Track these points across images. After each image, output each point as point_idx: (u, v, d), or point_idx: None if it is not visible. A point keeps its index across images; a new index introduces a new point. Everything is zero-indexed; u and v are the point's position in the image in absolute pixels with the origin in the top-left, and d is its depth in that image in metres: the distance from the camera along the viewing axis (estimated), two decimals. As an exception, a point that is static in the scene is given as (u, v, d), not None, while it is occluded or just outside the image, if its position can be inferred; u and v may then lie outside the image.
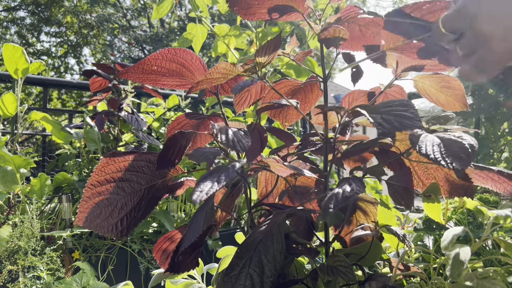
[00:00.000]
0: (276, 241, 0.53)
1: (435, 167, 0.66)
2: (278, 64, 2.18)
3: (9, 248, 1.14)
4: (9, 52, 1.50)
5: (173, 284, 0.72)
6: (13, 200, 1.35)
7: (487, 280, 0.52)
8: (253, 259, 0.52)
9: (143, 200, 0.64)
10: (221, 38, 2.30)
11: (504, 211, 0.65)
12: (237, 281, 0.51)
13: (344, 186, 0.54)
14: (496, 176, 0.62)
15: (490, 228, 0.63)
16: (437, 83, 0.69)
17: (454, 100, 0.69)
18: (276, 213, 0.58)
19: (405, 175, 0.64)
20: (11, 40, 11.08)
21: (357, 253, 0.69)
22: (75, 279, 0.99)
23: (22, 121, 1.63)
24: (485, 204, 0.74)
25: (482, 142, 2.11)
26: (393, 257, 0.75)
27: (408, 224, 0.87)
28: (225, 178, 0.45)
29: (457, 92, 0.69)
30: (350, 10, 0.68)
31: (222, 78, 0.64)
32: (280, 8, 0.65)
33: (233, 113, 2.33)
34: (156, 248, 0.66)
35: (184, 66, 0.65)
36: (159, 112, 2.03)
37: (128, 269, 1.48)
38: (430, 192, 0.65)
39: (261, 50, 0.62)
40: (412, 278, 0.68)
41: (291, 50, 0.71)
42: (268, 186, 0.73)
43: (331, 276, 0.56)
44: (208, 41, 8.73)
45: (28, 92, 9.27)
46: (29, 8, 11.20)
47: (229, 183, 0.62)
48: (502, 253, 0.72)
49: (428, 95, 0.71)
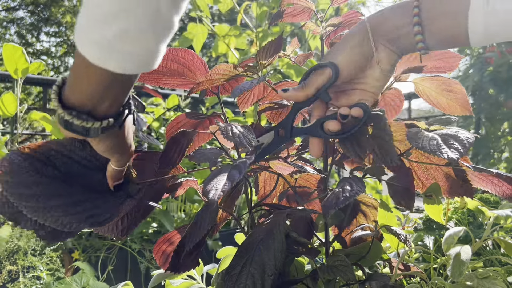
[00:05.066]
0: (277, 240, 0.53)
1: (435, 167, 0.66)
2: (278, 64, 2.18)
3: (8, 248, 1.13)
4: (9, 52, 1.50)
5: (173, 284, 0.72)
6: (13, 200, 1.35)
7: (487, 280, 0.52)
8: (254, 258, 0.52)
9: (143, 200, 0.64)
10: (221, 38, 2.30)
11: (505, 211, 0.65)
12: (238, 280, 0.51)
13: (345, 186, 0.54)
14: (496, 179, 0.62)
15: (490, 228, 0.64)
16: (438, 86, 0.68)
17: (456, 104, 0.69)
18: (276, 213, 0.58)
19: (406, 175, 0.64)
20: (10, 40, 11.09)
21: (357, 253, 0.69)
22: (75, 279, 0.99)
23: (21, 121, 1.63)
24: (486, 204, 0.74)
25: (482, 142, 2.12)
26: (393, 257, 0.75)
27: (409, 224, 0.87)
28: (239, 175, 0.44)
29: (459, 96, 0.68)
30: (351, 15, 0.69)
31: (222, 79, 0.64)
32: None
33: (232, 114, 2.34)
34: (156, 249, 0.66)
35: (185, 66, 0.66)
36: (159, 112, 2.03)
37: (128, 269, 1.48)
38: (430, 192, 0.65)
39: (262, 51, 0.62)
40: (413, 278, 0.68)
41: (292, 51, 0.72)
42: (267, 186, 0.74)
43: (331, 275, 0.56)
44: (208, 41, 8.74)
45: (28, 92, 9.28)
46: (28, 8, 11.21)
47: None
48: (502, 253, 0.72)
49: (429, 98, 0.70)
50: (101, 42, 0.40)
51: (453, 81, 0.67)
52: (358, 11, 0.69)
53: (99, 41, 0.40)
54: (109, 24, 0.40)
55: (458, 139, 0.49)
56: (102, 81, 0.44)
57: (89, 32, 0.41)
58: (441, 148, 0.48)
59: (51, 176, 0.52)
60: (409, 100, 3.36)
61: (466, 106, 0.68)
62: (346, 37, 0.53)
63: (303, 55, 0.73)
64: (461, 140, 0.49)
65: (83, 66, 0.42)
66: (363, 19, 0.53)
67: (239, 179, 0.44)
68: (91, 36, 0.40)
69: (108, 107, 0.47)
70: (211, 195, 0.41)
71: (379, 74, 0.53)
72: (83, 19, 0.41)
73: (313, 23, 0.72)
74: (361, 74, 0.54)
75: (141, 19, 0.40)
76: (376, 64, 0.52)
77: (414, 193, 0.63)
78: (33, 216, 0.49)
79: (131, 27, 0.40)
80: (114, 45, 0.40)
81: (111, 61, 0.41)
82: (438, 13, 0.49)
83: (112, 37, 0.40)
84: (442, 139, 0.50)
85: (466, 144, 0.48)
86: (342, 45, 0.53)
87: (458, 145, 0.48)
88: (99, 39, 0.40)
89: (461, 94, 0.68)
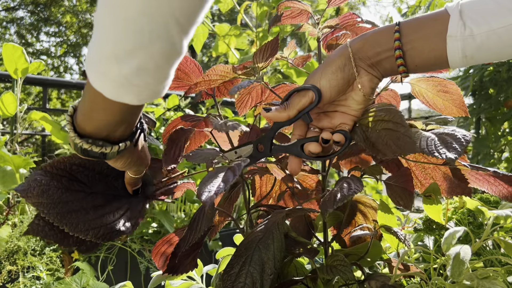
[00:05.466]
0: (276, 239, 0.52)
1: (433, 167, 0.66)
2: (278, 64, 2.18)
3: (8, 248, 1.13)
4: (9, 52, 1.50)
5: (173, 285, 0.72)
6: (12, 200, 1.35)
7: (487, 280, 0.52)
8: (253, 257, 0.51)
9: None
10: (221, 37, 2.30)
11: (505, 211, 0.65)
12: (237, 279, 0.50)
13: (343, 185, 0.54)
14: (492, 178, 0.62)
15: (490, 228, 0.63)
16: (434, 87, 0.68)
17: (452, 105, 0.68)
18: (275, 213, 0.58)
19: (404, 175, 0.64)
20: (10, 40, 11.09)
21: (357, 253, 0.69)
22: (74, 279, 0.99)
23: (21, 121, 1.63)
24: (486, 204, 0.74)
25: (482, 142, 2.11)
26: (393, 257, 0.74)
27: (409, 224, 0.87)
28: (233, 177, 0.44)
29: (455, 97, 0.67)
30: (348, 17, 0.70)
31: (220, 80, 0.64)
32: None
33: (233, 114, 2.33)
34: (155, 251, 0.67)
35: (179, 69, 0.66)
36: (159, 112, 2.03)
37: (128, 269, 1.48)
38: (430, 192, 0.65)
39: (258, 53, 0.62)
40: (413, 278, 0.68)
41: (289, 53, 0.72)
42: (263, 187, 0.73)
43: (330, 275, 0.56)
44: (208, 40, 8.73)
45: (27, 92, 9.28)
46: (28, 8, 11.21)
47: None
48: (502, 253, 0.72)
49: (425, 99, 0.70)
50: (117, 79, 0.40)
51: (449, 82, 0.67)
52: (354, 13, 0.69)
53: (115, 77, 0.40)
54: (125, 61, 0.39)
55: (455, 138, 0.49)
56: (119, 111, 0.44)
57: (103, 68, 0.40)
58: (438, 149, 0.48)
59: (78, 190, 0.54)
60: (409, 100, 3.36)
61: (462, 107, 0.68)
62: (329, 60, 0.54)
63: (301, 57, 0.73)
64: (458, 139, 0.49)
65: (99, 99, 0.42)
66: (345, 44, 0.54)
67: (233, 181, 0.44)
68: (106, 72, 0.40)
69: (123, 131, 0.48)
70: (203, 197, 0.41)
71: (360, 97, 0.54)
72: (95, 55, 0.41)
73: (310, 25, 0.72)
74: (343, 97, 0.55)
75: (157, 56, 0.40)
76: (357, 88, 0.53)
77: (413, 193, 0.63)
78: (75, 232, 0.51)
79: (148, 64, 0.40)
80: (131, 81, 0.40)
81: (128, 96, 0.42)
82: (417, 37, 0.50)
83: (129, 74, 0.40)
84: (439, 139, 0.50)
85: (464, 142, 0.48)
86: (324, 69, 0.54)
87: (456, 144, 0.48)
88: (115, 75, 0.40)
89: (457, 95, 0.67)
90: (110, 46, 0.39)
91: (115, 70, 0.40)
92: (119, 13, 0.38)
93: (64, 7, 11.28)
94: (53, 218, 0.49)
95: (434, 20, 0.49)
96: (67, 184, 0.53)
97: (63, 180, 0.53)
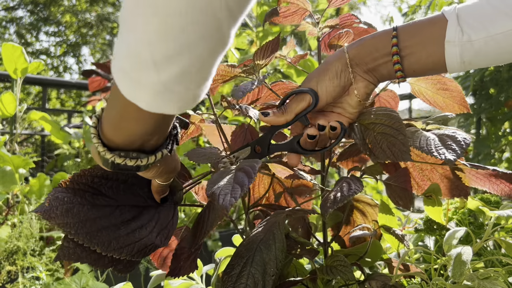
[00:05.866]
0: (278, 240, 0.52)
1: (430, 169, 0.66)
2: (278, 63, 2.18)
3: (8, 249, 1.13)
4: (8, 52, 1.49)
5: (172, 285, 0.72)
6: (12, 200, 1.35)
7: (488, 281, 0.52)
8: (254, 258, 0.51)
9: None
10: (220, 37, 2.30)
11: (506, 211, 0.64)
12: (238, 280, 0.50)
13: (342, 186, 0.54)
14: (493, 178, 0.62)
15: (491, 229, 0.63)
16: (433, 85, 0.68)
17: (453, 102, 0.68)
18: (275, 213, 0.58)
19: (403, 175, 0.64)
20: (10, 40, 11.08)
21: (356, 253, 0.68)
22: (74, 279, 0.99)
23: (21, 121, 1.63)
24: (487, 204, 0.74)
25: (483, 142, 2.11)
26: (394, 257, 0.74)
27: (409, 225, 0.87)
28: (248, 180, 0.42)
29: (455, 94, 0.68)
30: (347, 18, 0.70)
31: (221, 80, 0.64)
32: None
33: (233, 113, 2.33)
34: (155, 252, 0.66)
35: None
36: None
37: (127, 269, 1.47)
38: (430, 193, 0.65)
39: (259, 52, 0.62)
40: (413, 279, 0.68)
41: (288, 52, 0.72)
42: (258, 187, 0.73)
43: (330, 275, 0.56)
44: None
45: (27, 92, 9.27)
46: (28, 8, 11.20)
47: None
48: (503, 254, 0.72)
49: (426, 98, 0.70)
50: (155, 88, 0.35)
51: (448, 79, 0.67)
52: (353, 14, 0.69)
53: (153, 87, 0.35)
54: (165, 67, 0.33)
55: (456, 140, 0.49)
56: (153, 121, 0.40)
57: (137, 77, 0.34)
58: (438, 149, 0.48)
59: (104, 204, 0.49)
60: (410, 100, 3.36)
61: (463, 104, 0.68)
62: (326, 65, 0.54)
63: (298, 56, 0.73)
64: (458, 141, 0.49)
65: (131, 109, 0.37)
66: (342, 49, 0.54)
67: (250, 184, 0.42)
68: (141, 81, 0.35)
69: (157, 139, 0.44)
70: (221, 201, 0.39)
71: (356, 102, 0.54)
72: (125, 63, 0.35)
73: (310, 24, 0.72)
74: (339, 100, 0.55)
75: (205, 54, 0.34)
76: (353, 93, 0.54)
77: (412, 193, 0.63)
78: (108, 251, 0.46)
79: (192, 68, 0.34)
80: (170, 88, 0.35)
81: (166, 105, 0.36)
82: (415, 42, 0.50)
83: (168, 80, 0.34)
84: (440, 139, 0.50)
85: (463, 145, 0.48)
86: (321, 75, 0.54)
87: (455, 146, 0.48)
88: (153, 84, 0.34)
89: (457, 92, 0.67)
90: (146, 51, 0.33)
91: (152, 77, 0.34)
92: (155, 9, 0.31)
93: (64, 6, 11.28)
94: (82, 238, 0.45)
95: (431, 25, 0.49)
96: (91, 199, 0.48)
97: (87, 196, 0.48)
